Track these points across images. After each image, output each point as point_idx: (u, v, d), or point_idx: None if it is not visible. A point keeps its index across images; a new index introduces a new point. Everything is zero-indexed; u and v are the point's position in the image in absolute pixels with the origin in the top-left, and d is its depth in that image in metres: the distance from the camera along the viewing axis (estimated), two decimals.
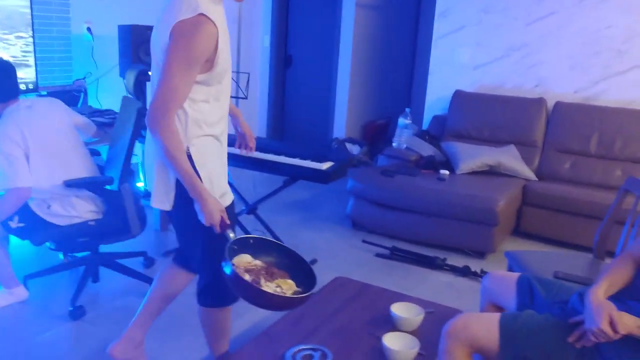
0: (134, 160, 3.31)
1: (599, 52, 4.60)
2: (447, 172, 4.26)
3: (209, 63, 1.80)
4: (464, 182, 4.12)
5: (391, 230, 4.10)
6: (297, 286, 1.87)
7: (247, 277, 1.78)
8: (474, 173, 4.35)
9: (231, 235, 1.86)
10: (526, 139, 4.65)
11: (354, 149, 6.41)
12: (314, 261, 3.65)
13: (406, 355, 1.91)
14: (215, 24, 1.75)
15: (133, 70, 3.01)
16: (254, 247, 1.93)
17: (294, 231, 4.17)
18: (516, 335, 1.72)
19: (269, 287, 1.81)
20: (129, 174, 3.06)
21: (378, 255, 3.82)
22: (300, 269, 1.93)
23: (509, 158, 4.42)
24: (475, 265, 3.63)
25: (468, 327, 1.76)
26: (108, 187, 2.98)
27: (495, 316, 1.77)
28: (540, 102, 4.68)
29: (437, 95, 5.31)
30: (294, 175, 3.23)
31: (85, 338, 2.69)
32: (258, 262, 1.91)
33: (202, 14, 1.72)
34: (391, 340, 1.96)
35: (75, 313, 2.85)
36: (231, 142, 2.18)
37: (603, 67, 4.61)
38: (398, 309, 2.19)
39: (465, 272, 3.54)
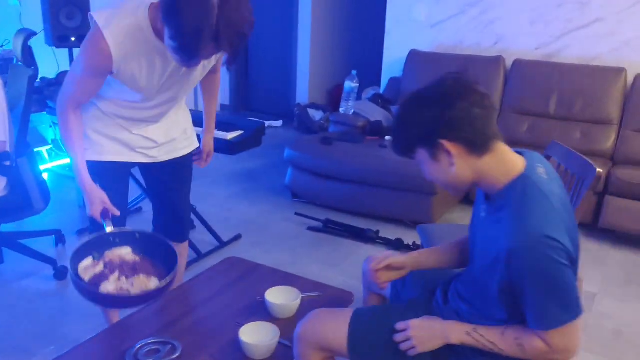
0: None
1: (561, 4, 4.27)
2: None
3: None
4: None
5: (329, 201, 3.87)
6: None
7: (88, 276, 1.71)
8: None
9: (108, 229, 1.83)
10: None
11: (317, 115, 6.14)
12: (237, 237, 3.45)
13: (260, 349, 1.70)
14: (109, 48, 1.69)
15: (21, 35, 2.76)
16: (140, 241, 1.86)
17: (229, 204, 3.96)
18: (366, 336, 1.51)
19: (115, 284, 1.69)
20: (25, 147, 2.84)
21: (310, 228, 3.61)
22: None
23: None
24: (410, 237, 3.41)
25: (318, 329, 1.55)
26: None
27: (347, 314, 1.56)
28: (497, 60, 4.38)
29: (393, 57, 5.01)
30: None
31: None
32: (131, 257, 1.80)
33: (101, 31, 1.68)
34: (250, 331, 1.75)
35: None
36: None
37: (565, 21, 4.29)
38: (274, 294, 1.97)
39: (397, 245, 3.33)
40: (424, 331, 1.47)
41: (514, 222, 1.29)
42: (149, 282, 1.70)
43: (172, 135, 2.09)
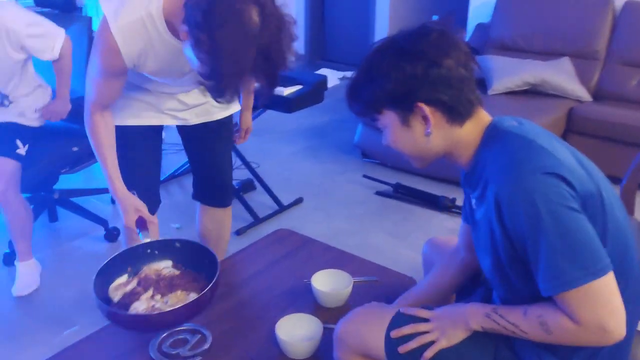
0: None
1: None
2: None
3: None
4: (493, 104, 3.43)
5: (401, 163, 3.53)
6: None
7: (117, 296, 1.48)
8: (511, 93, 3.65)
9: (145, 240, 1.60)
10: (585, 50, 3.82)
11: None
12: (299, 200, 3.21)
13: (298, 348, 1.47)
14: (117, 46, 1.47)
15: None
16: (182, 251, 1.61)
17: (292, 163, 3.72)
18: (404, 343, 1.23)
19: (147, 303, 1.45)
20: None
21: (378, 193, 3.31)
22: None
23: (558, 74, 3.64)
24: None
25: (358, 331, 1.29)
26: None
27: (388, 317, 1.27)
28: (605, 2, 3.78)
29: (481, 0, 4.49)
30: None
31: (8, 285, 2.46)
32: (169, 272, 1.56)
33: (109, 26, 1.46)
34: (289, 325, 1.52)
35: (9, 258, 2.62)
36: None
37: None
38: (323, 279, 1.72)
39: None
40: (446, 320, 1.23)
41: (498, 175, 1.08)
42: (186, 299, 1.46)
43: (204, 99, 1.84)
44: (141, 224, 1.64)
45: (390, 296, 1.71)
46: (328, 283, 1.72)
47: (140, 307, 1.42)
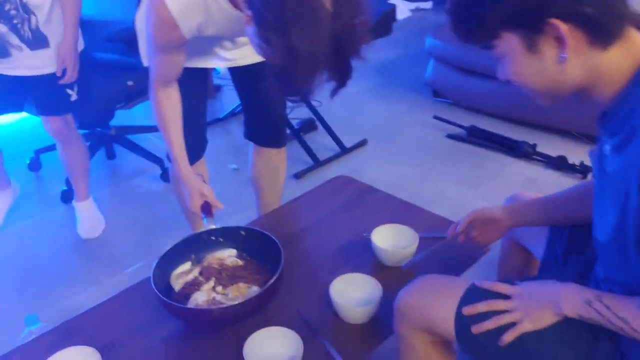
0: None
1: None
2: None
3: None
4: None
5: (477, 103, 3.26)
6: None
7: (179, 285, 1.40)
8: None
9: (210, 226, 1.52)
10: None
11: None
12: (362, 142, 3.02)
13: (355, 313, 1.32)
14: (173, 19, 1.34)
15: None
16: (246, 240, 1.52)
17: (357, 102, 3.50)
18: (477, 322, 1.05)
19: (207, 295, 1.36)
20: None
21: (450, 136, 3.07)
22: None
23: None
24: (577, 155, 2.74)
25: (424, 304, 1.13)
26: None
27: (462, 287, 1.09)
28: None
29: None
30: None
31: (71, 223, 2.44)
32: (232, 261, 1.47)
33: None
34: (345, 285, 1.38)
35: (67, 195, 2.61)
36: None
37: None
38: (384, 234, 1.56)
39: (559, 164, 2.69)
40: (532, 299, 1.03)
41: None
42: (247, 292, 1.36)
43: None
44: (206, 209, 1.55)
45: (461, 257, 1.54)
46: (390, 239, 1.56)
47: (200, 298, 1.34)
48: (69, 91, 2.15)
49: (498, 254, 1.57)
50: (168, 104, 1.53)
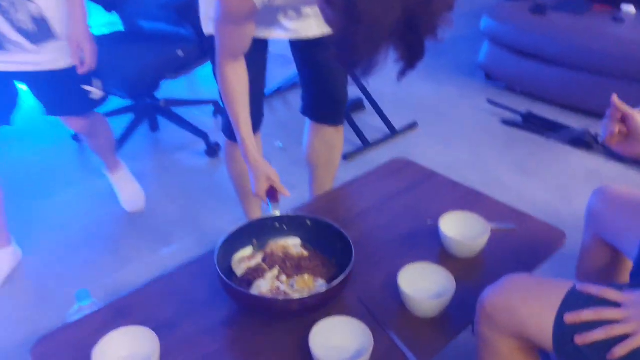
0: None
1: None
2: (632, 9, 3.03)
3: None
4: None
5: (533, 88, 3.11)
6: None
7: (241, 270, 1.33)
8: None
9: (275, 212, 1.44)
10: None
11: None
12: (413, 125, 2.91)
13: (425, 305, 1.23)
14: None
15: None
16: (312, 230, 1.42)
17: (406, 83, 3.37)
18: (581, 332, 0.94)
19: (271, 283, 1.28)
20: None
21: (505, 122, 2.93)
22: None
23: None
24: None
25: (516, 308, 1.02)
26: None
27: (561, 292, 0.99)
28: None
29: None
30: None
31: (114, 195, 2.39)
32: (297, 251, 1.38)
33: None
34: (414, 274, 1.29)
35: None
36: None
37: None
38: (452, 222, 1.46)
39: (623, 156, 2.54)
40: None
41: None
42: (313, 285, 1.29)
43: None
44: (272, 194, 1.47)
45: (534, 250, 1.44)
46: (458, 228, 1.46)
47: (264, 286, 1.26)
48: (88, 87, 1.88)
49: (578, 250, 1.46)
50: (236, 78, 1.44)
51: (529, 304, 1.01)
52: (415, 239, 1.50)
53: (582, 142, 2.66)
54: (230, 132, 1.71)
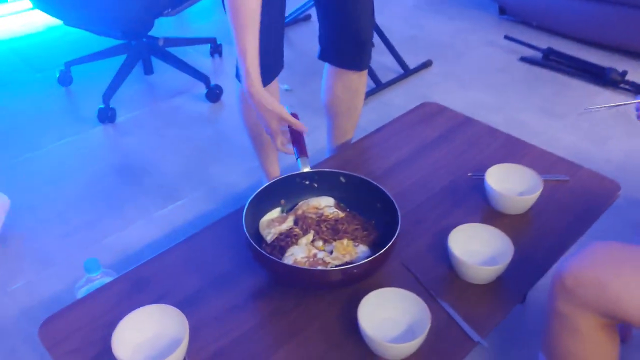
0: None
1: None
2: None
3: None
4: None
5: (552, 23, 2.92)
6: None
7: (270, 235, 1.18)
8: None
9: (304, 168, 1.25)
10: None
11: None
12: (427, 63, 2.72)
13: (480, 272, 1.11)
14: None
15: None
16: (347, 188, 1.27)
17: (418, 18, 3.16)
18: None
19: (307, 250, 1.14)
20: None
21: (524, 59, 2.76)
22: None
23: None
24: None
25: (605, 282, 0.89)
26: None
27: None
28: None
29: None
30: None
31: (111, 146, 2.22)
32: (332, 212, 1.23)
33: None
34: (464, 237, 1.16)
35: (104, 114, 2.36)
36: None
37: None
38: (497, 175, 1.32)
39: None
40: None
41: None
42: (354, 251, 1.14)
43: None
44: (299, 144, 1.28)
45: (591, 201, 1.31)
46: (505, 182, 1.32)
47: (299, 254, 1.11)
48: None
49: (628, 200, 1.34)
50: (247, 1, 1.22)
51: (623, 277, 0.88)
52: (457, 194, 1.36)
53: (609, 80, 2.50)
54: None
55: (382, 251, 1.04)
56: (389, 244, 1.05)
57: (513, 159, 1.46)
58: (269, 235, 1.17)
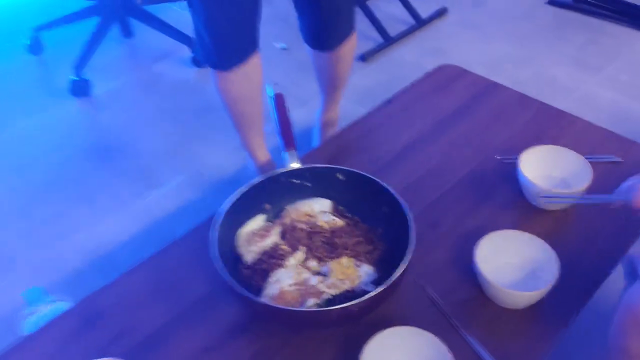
0: None
1: None
2: None
3: None
4: None
5: None
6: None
7: (251, 254, 0.96)
8: None
9: (295, 164, 1.04)
10: None
11: None
12: (441, 12, 2.43)
13: (516, 298, 0.88)
14: None
15: None
16: (345, 187, 1.03)
17: None
18: None
19: (296, 274, 0.91)
20: None
21: (552, 2, 2.46)
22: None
23: None
24: None
25: None
26: None
27: None
28: None
29: None
30: None
31: (84, 124, 1.99)
32: (328, 221, 0.99)
33: None
34: (494, 247, 0.93)
35: (78, 87, 2.12)
36: None
37: None
38: (531, 161, 1.08)
39: None
40: None
41: None
42: (355, 273, 0.91)
43: None
44: (286, 134, 1.05)
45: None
46: (543, 169, 1.08)
47: (286, 280, 0.89)
48: None
49: None
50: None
51: None
52: (483, 184, 1.13)
53: None
54: (215, 58, 1.34)
55: (389, 282, 0.81)
56: (398, 272, 0.83)
57: (550, 134, 1.21)
58: (249, 255, 0.95)
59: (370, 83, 2.06)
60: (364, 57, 2.19)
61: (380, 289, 0.80)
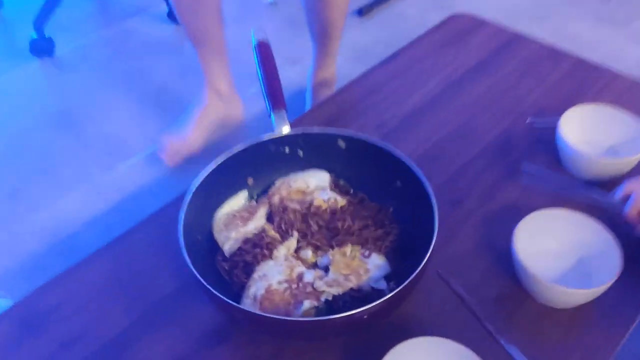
0: None
1: None
2: None
3: None
4: None
5: None
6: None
7: (229, 244, 0.79)
8: None
9: (283, 128, 0.83)
10: None
11: None
12: None
13: (571, 297, 0.72)
14: None
15: None
16: (348, 156, 0.85)
17: None
18: None
19: (289, 268, 0.74)
20: None
21: None
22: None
23: None
24: None
25: None
26: None
27: None
28: None
29: None
30: None
31: (46, 87, 1.80)
32: (327, 199, 0.82)
33: None
34: (537, 234, 0.76)
35: (38, 46, 1.94)
36: None
37: None
38: (576, 123, 0.90)
39: None
40: None
41: None
42: (362, 266, 0.73)
43: None
44: (274, 92, 0.83)
45: None
46: (588, 133, 0.91)
47: (274, 276, 0.72)
48: None
49: None
50: None
51: None
52: (512, 153, 0.96)
53: None
54: None
55: (410, 279, 0.64)
56: (421, 265, 0.65)
57: (588, 94, 1.04)
58: (228, 243, 0.77)
59: (369, 40, 1.90)
60: (361, 12, 2.03)
61: (398, 289, 0.63)
